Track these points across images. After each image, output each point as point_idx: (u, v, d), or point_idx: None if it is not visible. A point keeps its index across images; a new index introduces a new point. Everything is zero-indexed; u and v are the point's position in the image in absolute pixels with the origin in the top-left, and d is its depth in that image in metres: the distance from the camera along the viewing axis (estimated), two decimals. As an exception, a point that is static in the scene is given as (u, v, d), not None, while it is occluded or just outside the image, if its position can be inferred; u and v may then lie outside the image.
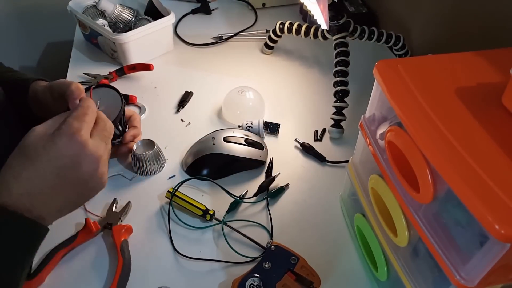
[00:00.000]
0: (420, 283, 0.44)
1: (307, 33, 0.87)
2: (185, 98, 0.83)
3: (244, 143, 0.69)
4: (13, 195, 0.42)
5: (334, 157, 0.72)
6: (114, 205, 0.63)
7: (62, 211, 0.47)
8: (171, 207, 0.62)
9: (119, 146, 0.67)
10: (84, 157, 0.45)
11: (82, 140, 0.45)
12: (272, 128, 0.76)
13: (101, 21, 0.93)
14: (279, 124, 0.77)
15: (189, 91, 0.85)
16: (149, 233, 0.60)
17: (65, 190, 0.45)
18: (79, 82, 0.86)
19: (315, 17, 0.74)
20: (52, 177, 0.44)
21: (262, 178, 0.69)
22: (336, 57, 0.78)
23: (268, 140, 0.75)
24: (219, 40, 1.01)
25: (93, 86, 0.62)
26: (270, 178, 0.67)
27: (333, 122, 0.76)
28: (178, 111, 0.81)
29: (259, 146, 0.70)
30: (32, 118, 0.65)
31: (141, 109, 0.81)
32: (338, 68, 0.77)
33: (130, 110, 0.70)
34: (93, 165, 0.46)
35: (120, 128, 0.66)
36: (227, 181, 0.67)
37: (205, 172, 0.68)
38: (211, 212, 0.61)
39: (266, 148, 0.71)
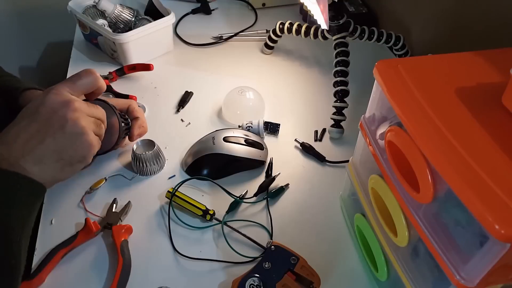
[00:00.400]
0: (420, 283, 0.44)
1: (307, 33, 0.87)
2: (185, 98, 0.83)
3: (244, 143, 0.69)
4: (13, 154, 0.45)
5: (334, 157, 0.72)
6: (114, 205, 0.63)
7: (43, 162, 0.47)
8: (171, 207, 0.62)
9: (127, 138, 0.69)
10: (56, 100, 0.47)
11: (57, 88, 0.48)
12: (272, 128, 0.76)
13: (101, 21, 0.93)
14: (279, 124, 0.77)
15: (189, 91, 0.85)
16: (149, 233, 0.60)
17: (39, 133, 0.46)
18: None
19: (315, 17, 0.74)
20: (27, 122, 0.46)
21: (262, 178, 0.69)
22: (336, 57, 0.78)
23: (268, 140, 0.75)
24: (219, 40, 1.01)
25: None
26: (270, 178, 0.67)
27: (333, 122, 0.76)
28: (178, 111, 0.81)
29: (259, 146, 0.70)
30: None
31: (141, 109, 0.81)
32: (338, 68, 0.77)
33: (124, 101, 0.69)
34: (66, 107, 0.47)
35: (123, 124, 0.65)
36: (227, 181, 0.67)
37: (205, 172, 0.68)
38: (211, 212, 0.61)
39: (266, 148, 0.71)
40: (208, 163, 0.68)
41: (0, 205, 0.43)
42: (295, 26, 0.88)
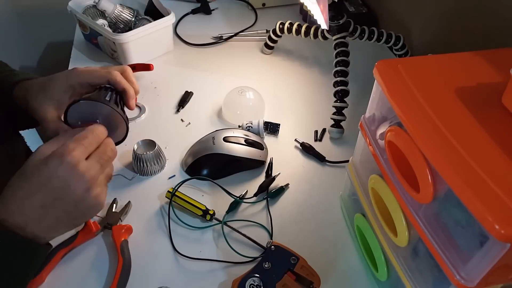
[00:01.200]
0: (420, 283, 0.44)
1: (307, 33, 0.87)
2: (185, 98, 0.83)
3: (244, 143, 0.69)
4: (9, 212, 0.44)
5: (334, 157, 0.72)
6: (114, 205, 0.63)
7: (56, 230, 0.47)
8: (171, 207, 0.62)
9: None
10: (73, 178, 0.45)
11: (73, 161, 0.45)
12: (272, 128, 0.77)
13: (101, 21, 0.93)
14: (279, 124, 0.77)
15: (189, 91, 0.85)
16: (149, 233, 0.60)
17: (56, 210, 0.45)
18: None
19: (315, 17, 0.74)
20: (43, 197, 0.44)
21: (262, 178, 0.69)
22: (336, 57, 0.78)
23: (268, 140, 0.75)
24: (219, 40, 1.01)
25: (69, 105, 0.54)
26: (270, 178, 0.67)
27: (333, 122, 0.76)
28: (178, 111, 0.81)
29: (259, 146, 0.70)
30: (19, 117, 0.63)
31: (141, 109, 0.81)
32: (338, 68, 0.77)
33: (101, 74, 0.59)
34: (83, 186, 0.46)
35: (121, 109, 0.58)
36: (227, 181, 0.67)
37: (205, 172, 0.68)
38: (211, 212, 0.61)
39: (266, 148, 0.71)
40: (208, 163, 0.68)
41: (22, 269, 0.45)
42: (295, 26, 0.88)
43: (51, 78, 0.59)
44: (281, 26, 0.90)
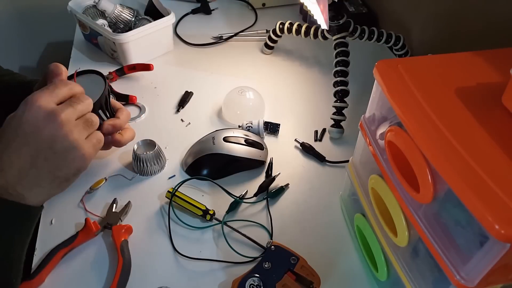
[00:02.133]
0: (420, 283, 0.44)
1: (307, 33, 0.87)
2: (185, 98, 0.83)
3: (244, 143, 0.69)
4: None
5: (334, 157, 0.72)
6: (114, 205, 0.63)
7: (40, 185, 0.45)
8: (171, 207, 0.62)
9: None
10: (41, 118, 0.43)
11: (39, 104, 0.44)
12: (272, 128, 0.76)
13: (101, 21, 0.93)
14: (279, 124, 0.77)
15: (189, 91, 0.85)
16: (149, 233, 0.60)
17: (33, 158, 0.44)
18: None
19: (315, 17, 0.74)
20: (16, 146, 0.43)
21: (262, 178, 0.69)
22: (336, 57, 0.78)
23: (268, 140, 0.75)
24: (219, 40, 1.01)
25: (77, 70, 0.59)
26: (270, 178, 0.67)
27: (333, 122, 0.76)
28: (178, 111, 0.81)
29: (259, 146, 0.70)
30: None
31: (141, 109, 0.81)
32: (338, 68, 0.77)
33: (119, 104, 0.65)
34: (54, 125, 0.44)
35: (104, 117, 0.61)
36: (227, 181, 0.67)
37: (205, 172, 0.68)
38: (211, 212, 0.61)
39: (266, 148, 0.71)
40: (208, 163, 0.68)
41: (1, 235, 0.44)
42: (295, 26, 0.88)
43: None
44: (281, 26, 0.90)
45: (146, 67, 0.88)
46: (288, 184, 0.67)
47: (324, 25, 0.72)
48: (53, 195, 0.49)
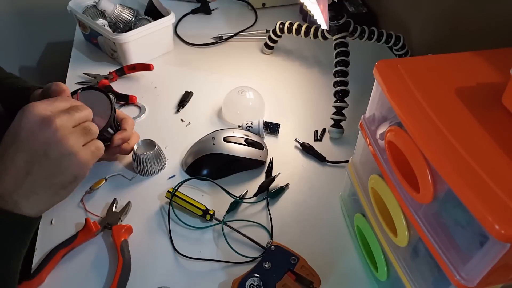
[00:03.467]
0: (420, 283, 0.44)
1: (307, 33, 0.87)
2: (185, 98, 0.83)
3: (244, 143, 0.69)
4: None
5: (334, 157, 0.72)
6: (114, 205, 0.63)
7: (37, 193, 0.45)
8: (171, 207, 0.62)
9: (108, 149, 0.61)
10: (37, 124, 0.43)
11: (36, 111, 0.44)
12: (272, 128, 0.76)
13: (101, 21, 0.93)
14: (279, 124, 0.77)
15: (189, 91, 0.85)
16: (149, 233, 0.60)
17: (29, 165, 0.43)
18: (79, 82, 0.87)
19: (315, 17, 0.74)
20: (13, 153, 0.43)
21: (262, 178, 0.69)
22: (336, 57, 0.78)
23: (268, 140, 0.75)
24: (219, 40, 1.01)
25: (80, 89, 0.58)
26: (270, 178, 0.67)
27: (333, 122, 0.76)
28: (178, 111, 0.81)
29: (259, 146, 0.70)
30: None
31: (141, 109, 0.81)
32: (338, 68, 0.77)
33: (122, 113, 0.67)
34: (49, 131, 0.43)
35: (112, 132, 0.63)
36: (227, 181, 0.67)
37: (205, 172, 0.68)
38: (211, 212, 0.61)
39: (266, 148, 0.71)
40: (208, 163, 0.68)
41: (6, 247, 0.44)
42: (295, 26, 0.88)
43: None
44: (281, 26, 0.90)
45: (146, 67, 0.88)
46: (288, 184, 0.67)
47: (324, 25, 0.72)
48: (52, 204, 0.48)
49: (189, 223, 0.61)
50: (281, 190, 0.66)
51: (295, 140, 0.75)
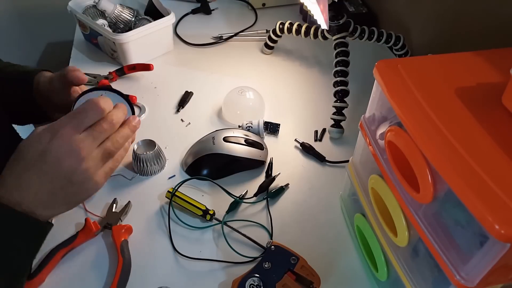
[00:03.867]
0: (420, 283, 0.44)
1: (307, 33, 0.87)
2: (185, 98, 0.83)
3: (244, 143, 0.69)
4: (8, 189, 0.45)
5: (334, 157, 0.72)
6: (114, 205, 0.63)
7: (53, 207, 0.47)
8: (171, 207, 0.62)
9: None
10: (64, 151, 0.45)
11: (64, 135, 0.46)
12: (272, 128, 0.77)
13: (101, 21, 0.93)
14: (279, 124, 0.77)
15: (189, 91, 0.85)
16: (149, 233, 0.60)
17: (50, 185, 0.46)
18: None
19: (315, 17, 0.74)
20: (37, 172, 0.45)
21: (262, 178, 0.69)
22: (336, 57, 0.78)
23: (268, 140, 0.75)
24: (219, 40, 1.01)
25: (99, 89, 0.56)
26: (270, 178, 0.67)
27: (333, 122, 0.76)
28: (178, 111, 0.81)
29: (259, 146, 0.70)
30: (37, 114, 0.65)
31: (141, 109, 0.81)
32: (338, 68, 0.77)
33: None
34: (74, 159, 0.46)
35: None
36: (227, 181, 0.67)
37: (205, 172, 0.68)
38: (211, 212, 0.61)
39: (266, 148, 0.71)
40: (208, 163, 0.68)
41: (19, 248, 0.46)
42: (295, 26, 0.88)
43: None
44: (281, 26, 0.90)
45: (146, 67, 0.88)
46: (288, 184, 0.67)
47: (324, 25, 0.72)
48: (61, 213, 0.50)
49: (189, 223, 0.61)
50: (281, 190, 0.66)
51: (295, 140, 0.75)
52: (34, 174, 0.45)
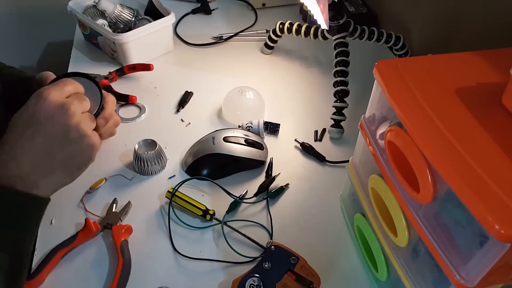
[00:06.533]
0: (420, 283, 0.44)
1: (307, 33, 0.87)
2: (185, 98, 0.83)
3: (244, 143, 0.69)
4: (3, 162, 0.45)
5: (334, 157, 0.72)
6: (114, 205, 0.63)
7: (52, 172, 0.47)
8: (171, 207, 0.62)
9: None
10: (55, 108, 0.46)
11: (47, 93, 0.47)
12: (272, 128, 0.76)
13: (101, 21, 0.93)
14: (279, 124, 0.77)
15: (189, 91, 0.85)
16: (149, 233, 0.60)
17: (45, 144, 0.46)
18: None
19: (315, 17, 0.74)
20: (31, 135, 0.46)
21: (262, 178, 0.69)
22: (336, 57, 0.78)
23: (268, 140, 0.75)
24: (219, 40, 1.01)
25: (66, 74, 0.58)
26: (270, 178, 0.67)
27: (333, 122, 0.76)
28: (178, 111, 0.81)
29: (259, 146, 0.70)
30: None
31: (141, 109, 0.81)
32: (338, 68, 0.77)
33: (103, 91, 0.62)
34: (65, 115, 0.47)
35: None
36: (227, 181, 0.67)
37: (205, 172, 0.68)
38: (211, 212, 0.61)
39: (266, 148, 0.71)
40: (208, 163, 0.68)
41: (15, 225, 0.46)
42: (295, 26, 0.88)
43: None
44: (281, 26, 0.90)
45: (146, 67, 0.88)
46: (288, 184, 0.67)
47: (324, 25, 0.72)
48: (64, 185, 0.50)
49: (189, 223, 0.61)
50: (281, 190, 0.66)
51: (295, 140, 0.75)
52: (27, 141, 0.45)
